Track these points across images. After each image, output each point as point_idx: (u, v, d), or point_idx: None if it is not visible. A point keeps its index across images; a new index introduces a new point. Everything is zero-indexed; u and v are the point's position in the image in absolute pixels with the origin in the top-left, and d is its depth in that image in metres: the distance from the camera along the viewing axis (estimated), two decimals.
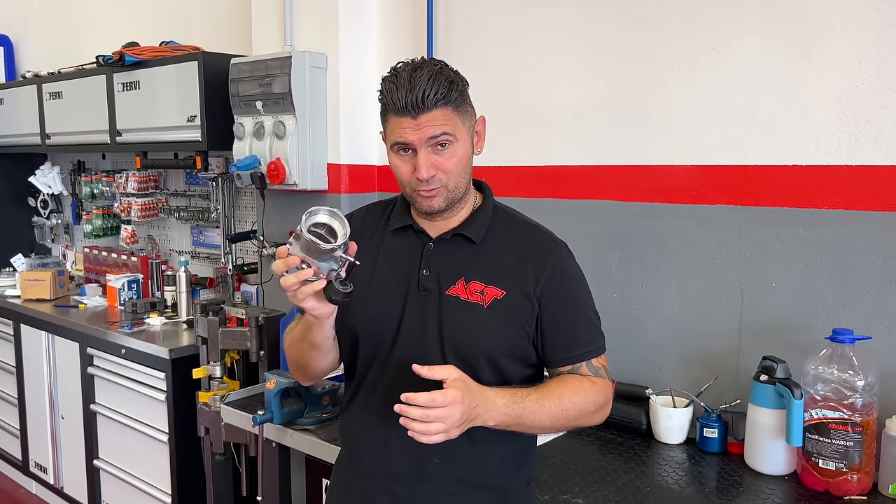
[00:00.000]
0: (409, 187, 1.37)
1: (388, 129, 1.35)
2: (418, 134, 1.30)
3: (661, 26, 2.15)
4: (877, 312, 1.84)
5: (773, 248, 1.99)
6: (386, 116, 1.35)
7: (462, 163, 1.35)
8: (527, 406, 1.30)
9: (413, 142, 1.31)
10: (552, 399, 1.33)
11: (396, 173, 1.37)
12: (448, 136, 1.32)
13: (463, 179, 1.38)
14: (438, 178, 1.33)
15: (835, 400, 1.73)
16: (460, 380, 1.22)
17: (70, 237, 4.66)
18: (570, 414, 1.36)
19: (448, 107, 1.31)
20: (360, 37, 2.81)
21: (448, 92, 1.30)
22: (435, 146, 1.32)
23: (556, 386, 1.37)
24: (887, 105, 1.80)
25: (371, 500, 1.44)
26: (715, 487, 1.80)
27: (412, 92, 1.28)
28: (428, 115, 1.29)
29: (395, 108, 1.31)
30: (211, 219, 3.58)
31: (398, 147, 1.34)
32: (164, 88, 3.19)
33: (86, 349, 3.34)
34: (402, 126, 1.31)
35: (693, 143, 2.11)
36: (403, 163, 1.35)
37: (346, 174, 2.81)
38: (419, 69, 1.31)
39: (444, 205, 1.37)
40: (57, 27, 4.59)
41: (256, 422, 2.14)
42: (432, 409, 1.17)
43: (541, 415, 1.32)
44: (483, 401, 1.24)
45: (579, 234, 2.15)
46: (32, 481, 3.94)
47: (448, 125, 1.32)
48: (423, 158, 1.31)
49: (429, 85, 1.28)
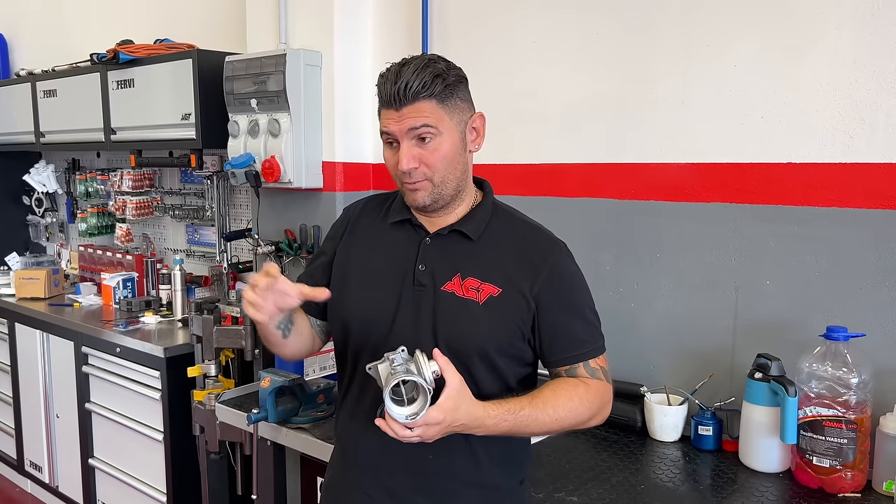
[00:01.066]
0: (396, 180, 1.39)
1: (379, 121, 1.37)
2: (399, 125, 1.32)
3: (656, 24, 2.15)
4: (871, 310, 1.84)
5: (768, 245, 1.99)
6: (379, 109, 1.37)
7: (447, 157, 1.35)
8: (519, 419, 1.29)
9: (394, 132, 1.33)
10: (546, 409, 1.32)
11: (387, 165, 1.40)
12: (429, 129, 1.32)
13: (451, 175, 1.37)
14: (422, 171, 1.34)
15: (829, 397, 1.73)
16: (454, 398, 1.21)
17: (65, 235, 4.65)
18: (565, 423, 1.36)
19: (432, 99, 1.31)
20: (355, 35, 2.81)
21: (431, 85, 1.31)
22: (417, 139, 1.33)
23: (551, 394, 1.35)
24: (881, 103, 1.80)
25: (366, 495, 1.44)
26: (709, 485, 1.80)
27: (395, 84, 1.30)
28: (410, 107, 1.31)
29: (382, 100, 1.34)
30: (206, 217, 3.58)
31: (385, 138, 1.36)
32: (159, 86, 3.18)
33: (80, 348, 3.33)
34: (388, 117, 1.33)
35: (688, 140, 2.11)
36: (391, 155, 1.37)
37: (341, 172, 2.81)
38: (408, 63, 1.32)
39: (428, 200, 1.37)
40: (51, 24, 4.57)
41: (251, 420, 2.14)
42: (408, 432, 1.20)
43: (533, 426, 1.32)
44: (469, 420, 1.24)
45: (574, 232, 2.14)
46: (27, 480, 3.93)
47: (430, 118, 1.32)
48: (405, 150, 1.33)
49: (412, 77, 1.30)
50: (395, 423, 1.19)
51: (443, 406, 1.19)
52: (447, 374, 1.21)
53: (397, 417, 1.19)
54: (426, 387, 1.18)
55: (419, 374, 1.19)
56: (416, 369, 1.20)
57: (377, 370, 1.23)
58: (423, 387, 1.19)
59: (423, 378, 1.19)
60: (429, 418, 1.18)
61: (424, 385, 1.18)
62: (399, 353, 1.23)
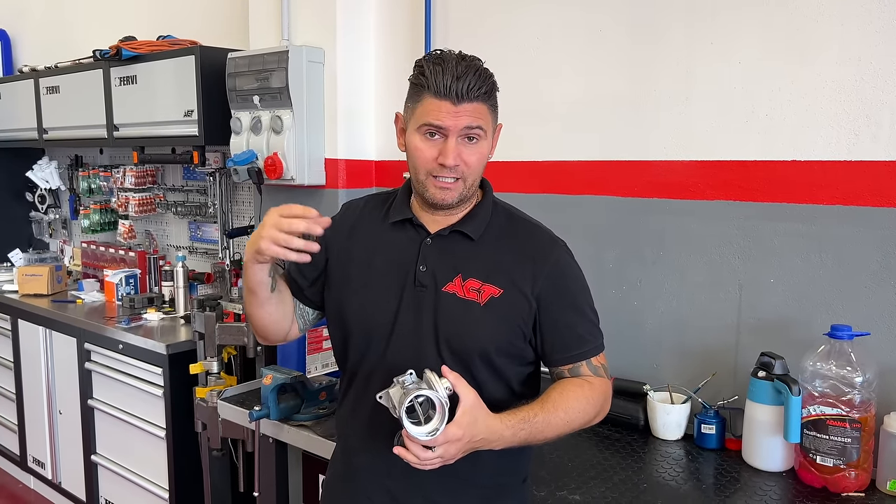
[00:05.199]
0: (424, 172, 1.35)
1: (418, 109, 1.33)
2: (455, 120, 1.30)
3: (660, 21, 2.14)
4: (875, 308, 1.83)
5: (772, 243, 1.98)
6: (419, 97, 1.33)
7: (483, 161, 1.37)
8: (534, 427, 1.29)
9: (448, 127, 1.30)
10: (558, 413, 1.32)
11: (414, 156, 1.35)
12: (480, 131, 1.33)
13: (478, 178, 1.39)
14: (461, 169, 1.33)
15: (833, 396, 1.72)
16: (470, 412, 1.20)
17: (68, 232, 4.66)
18: (575, 424, 1.36)
19: (486, 104, 1.33)
20: (358, 31, 2.80)
21: (491, 91, 1.34)
22: (465, 138, 1.32)
23: (560, 397, 1.34)
24: (887, 100, 1.79)
25: (367, 496, 1.44)
26: (712, 484, 1.79)
27: (460, 80, 1.28)
28: (469, 105, 1.30)
29: (437, 91, 1.30)
30: (208, 214, 3.58)
31: (427, 129, 1.32)
32: (162, 83, 3.18)
33: (83, 344, 3.33)
34: (440, 109, 1.30)
35: (691, 138, 2.10)
36: (428, 146, 1.33)
37: (344, 169, 2.80)
38: (466, 59, 1.32)
39: (456, 199, 1.37)
40: (54, 21, 4.57)
41: (253, 417, 2.14)
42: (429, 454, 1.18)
43: (547, 432, 1.32)
44: (488, 434, 1.23)
45: (577, 230, 2.15)
46: (31, 476, 3.94)
47: (483, 121, 1.33)
48: (452, 146, 1.31)
49: (475, 77, 1.30)
50: (415, 447, 1.18)
51: (461, 422, 1.18)
52: (460, 390, 1.20)
53: (418, 436, 1.16)
54: (442, 401, 1.17)
55: (433, 389, 1.18)
56: (429, 386, 1.18)
57: (388, 396, 1.22)
58: (440, 401, 1.17)
59: (438, 393, 1.17)
60: (449, 435, 1.17)
61: (440, 399, 1.17)
62: (408, 376, 1.22)
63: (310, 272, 1.48)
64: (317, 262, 1.42)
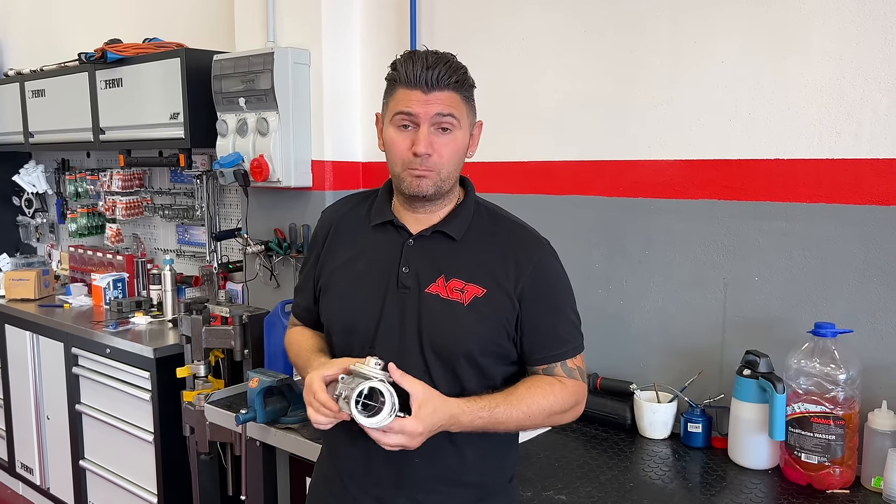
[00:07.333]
0: (400, 165, 1.36)
1: (392, 102, 1.35)
2: (426, 108, 1.31)
3: (644, 20, 2.14)
4: (858, 306, 1.84)
5: (756, 242, 1.99)
6: (393, 91, 1.35)
7: (458, 153, 1.36)
8: (494, 417, 1.32)
9: (419, 114, 1.31)
10: (521, 406, 1.34)
11: (391, 150, 1.36)
12: (452, 120, 1.33)
13: (454, 171, 1.38)
14: (434, 160, 1.33)
15: (817, 394, 1.73)
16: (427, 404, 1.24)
17: (55, 236, 4.63)
18: (537, 419, 1.37)
19: (458, 93, 1.34)
20: (344, 33, 2.79)
21: (463, 80, 1.34)
22: (438, 127, 1.32)
23: (526, 391, 1.36)
24: (868, 98, 1.80)
25: (353, 497, 1.44)
26: (699, 482, 1.80)
27: (429, 69, 1.30)
28: (439, 93, 1.31)
29: (408, 81, 1.31)
30: (196, 217, 3.56)
31: (400, 119, 1.33)
32: (147, 86, 3.16)
33: (71, 349, 3.31)
34: (412, 98, 1.31)
35: (676, 137, 2.11)
36: (402, 138, 1.34)
37: (331, 171, 2.80)
38: (436, 54, 1.34)
39: (432, 190, 1.36)
40: (40, 24, 4.54)
41: (240, 421, 2.13)
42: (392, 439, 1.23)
43: (508, 423, 1.34)
44: (447, 420, 1.27)
45: (563, 230, 2.15)
46: (19, 482, 3.92)
47: (456, 110, 1.33)
48: (424, 134, 1.32)
49: (445, 67, 1.31)
50: (374, 433, 1.22)
51: (420, 415, 1.22)
52: (406, 385, 1.23)
53: (371, 425, 1.20)
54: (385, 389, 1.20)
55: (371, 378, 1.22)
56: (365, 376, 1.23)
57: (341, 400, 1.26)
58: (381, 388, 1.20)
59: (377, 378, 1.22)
60: (407, 430, 1.21)
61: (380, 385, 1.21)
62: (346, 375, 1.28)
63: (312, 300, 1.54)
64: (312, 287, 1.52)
